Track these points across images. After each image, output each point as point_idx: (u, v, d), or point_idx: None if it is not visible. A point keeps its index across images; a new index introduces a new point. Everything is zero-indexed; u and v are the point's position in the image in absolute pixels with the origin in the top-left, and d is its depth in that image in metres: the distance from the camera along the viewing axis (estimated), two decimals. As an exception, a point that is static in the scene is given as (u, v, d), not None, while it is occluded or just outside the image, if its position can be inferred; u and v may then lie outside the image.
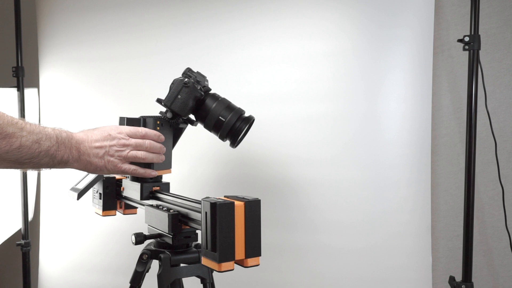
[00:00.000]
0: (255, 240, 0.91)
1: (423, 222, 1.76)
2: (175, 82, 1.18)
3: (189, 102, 1.18)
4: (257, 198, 0.93)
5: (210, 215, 0.88)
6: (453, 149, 1.90)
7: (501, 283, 1.88)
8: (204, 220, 0.91)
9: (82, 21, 2.08)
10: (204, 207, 0.91)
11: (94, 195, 1.43)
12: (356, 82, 1.73)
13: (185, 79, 1.17)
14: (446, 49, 1.89)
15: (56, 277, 2.15)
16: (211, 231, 0.88)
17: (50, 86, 2.17)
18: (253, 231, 0.91)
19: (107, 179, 1.37)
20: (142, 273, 1.18)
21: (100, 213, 1.39)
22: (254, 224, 0.91)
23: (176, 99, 1.17)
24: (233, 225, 0.88)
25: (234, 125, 1.20)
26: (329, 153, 1.75)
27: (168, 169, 1.24)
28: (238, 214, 0.89)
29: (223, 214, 0.87)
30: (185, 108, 1.19)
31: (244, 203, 0.90)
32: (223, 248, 0.87)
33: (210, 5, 1.91)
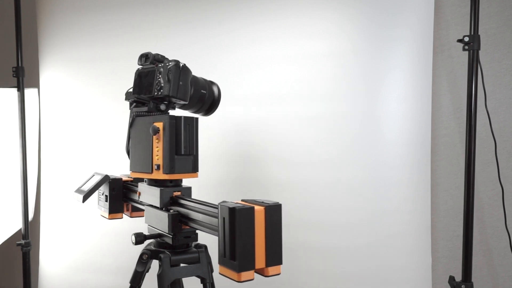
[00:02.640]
0: (276, 248, 0.85)
1: (423, 222, 1.76)
2: (171, 70, 1.11)
3: (188, 84, 1.14)
4: (277, 202, 0.87)
5: (229, 220, 0.82)
6: (453, 149, 1.90)
7: (501, 283, 1.88)
8: (222, 226, 0.84)
9: (82, 21, 2.08)
10: (222, 212, 0.85)
11: (100, 198, 1.37)
12: (356, 82, 1.73)
13: (180, 64, 1.12)
14: (446, 49, 1.89)
15: (56, 277, 2.15)
16: (230, 238, 0.82)
17: (50, 86, 2.17)
18: (273, 237, 0.85)
19: (113, 180, 1.32)
20: (142, 273, 1.18)
21: (106, 216, 1.34)
22: (274, 230, 0.85)
23: (180, 86, 1.11)
24: (253, 232, 0.82)
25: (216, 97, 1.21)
26: (329, 153, 1.75)
27: (194, 173, 1.13)
28: (258, 219, 0.83)
29: (243, 219, 0.81)
30: (187, 92, 1.13)
31: (264, 208, 0.84)
32: (243, 257, 0.81)
33: (210, 5, 1.91)
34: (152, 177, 1.12)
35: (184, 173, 1.10)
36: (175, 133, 1.09)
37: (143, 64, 1.19)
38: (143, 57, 1.18)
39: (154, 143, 1.10)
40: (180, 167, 1.09)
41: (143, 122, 1.15)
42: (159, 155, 1.09)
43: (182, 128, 1.09)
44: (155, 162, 1.10)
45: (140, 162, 1.16)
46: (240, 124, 1.85)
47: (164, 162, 1.08)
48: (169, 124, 1.08)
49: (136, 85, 1.20)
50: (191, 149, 1.11)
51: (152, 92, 1.13)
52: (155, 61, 1.16)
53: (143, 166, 1.14)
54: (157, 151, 1.09)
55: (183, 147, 1.09)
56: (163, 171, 1.09)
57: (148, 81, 1.16)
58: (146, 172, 1.13)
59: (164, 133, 1.08)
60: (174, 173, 1.09)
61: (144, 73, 1.18)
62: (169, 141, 1.08)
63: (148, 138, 1.12)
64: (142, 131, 1.15)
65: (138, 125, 1.17)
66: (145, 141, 1.14)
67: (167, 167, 1.08)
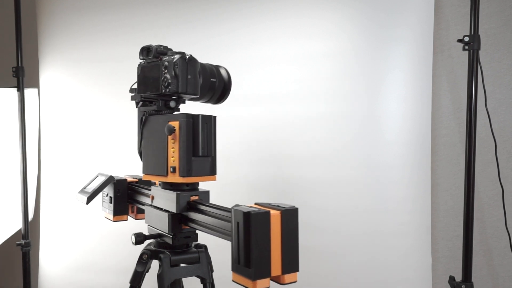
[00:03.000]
0: (293, 254, 0.81)
1: (423, 222, 1.76)
2: (177, 64, 1.03)
3: (198, 77, 1.06)
4: (293, 206, 0.83)
5: (243, 225, 0.77)
6: (453, 149, 1.90)
7: (501, 283, 1.88)
8: (236, 231, 0.80)
9: (82, 21, 2.08)
10: (236, 217, 0.80)
11: (104, 199, 1.33)
12: (356, 82, 1.73)
13: (186, 56, 1.04)
14: (446, 49, 1.89)
15: (56, 277, 2.15)
16: (245, 244, 0.77)
17: (50, 86, 2.17)
18: (290, 243, 0.80)
19: (118, 182, 1.28)
20: (142, 273, 1.18)
21: (111, 218, 1.30)
22: (291, 235, 0.81)
23: (189, 80, 1.03)
24: (268, 237, 0.78)
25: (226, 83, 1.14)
26: (329, 153, 1.75)
27: (212, 176, 1.05)
28: (274, 224, 0.79)
29: (258, 224, 0.77)
30: (197, 85, 1.05)
31: (280, 212, 0.80)
32: (258, 264, 0.76)
33: (210, 5, 1.91)
34: (167, 180, 1.05)
35: (202, 176, 1.03)
36: (192, 133, 1.01)
37: (146, 58, 1.11)
38: (144, 50, 1.11)
39: (169, 144, 1.03)
40: (197, 169, 1.01)
41: (157, 121, 1.08)
42: (175, 156, 1.02)
43: (199, 128, 1.01)
44: (170, 164, 1.03)
45: (154, 164, 1.09)
46: (240, 124, 1.85)
47: (180, 164, 1.00)
48: (185, 123, 1.00)
49: (141, 82, 1.13)
50: (209, 150, 1.04)
51: (159, 89, 1.05)
52: (158, 54, 1.08)
53: (157, 168, 1.07)
54: (173, 152, 1.02)
55: (200, 148, 1.01)
56: (179, 174, 1.01)
57: (153, 77, 1.08)
58: (161, 175, 1.06)
59: (180, 133, 1.00)
60: (191, 176, 1.01)
61: (147, 68, 1.11)
62: (185, 142, 1.00)
63: (163, 138, 1.05)
64: (155, 131, 1.09)
65: (151, 124, 1.10)
66: (159, 142, 1.07)
67: (184, 170, 1.00)
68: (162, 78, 1.04)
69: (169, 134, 1.01)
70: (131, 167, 2.01)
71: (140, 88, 1.13)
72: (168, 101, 1.07)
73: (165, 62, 1.04)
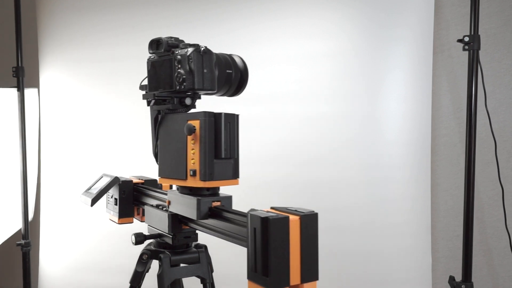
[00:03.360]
0: (312, 262, 0.77)
1: (423, 222, 1.76)
2: (192, 58, 0.95)
3: (214, 70, 0.98)
4: (313, 210, 0.78)
5: (261, 232, 0.73)
6: (453, 149, 1.90)
7: (501, 283, 1.88)
8: (252, 237, 0.75)
9: (82, 21, 2.08)
10: (252, 222, 0.75)
11: (109, 201, 1.28)
12: (356, 82, 1.73)
13: (201, 48, 0.95)
14: (446, 49, 1.89)
15: (56, 277, 2.15)
16: (262, 251, 0.73)
17: (50, 86, 2.17)
18: (309, 250, 0.77)
19: (124, 183, 1.22)
20: (142, 273, 1.18)
21: (116, 221, 1.25)
22: (310, 242, 0.77)
23: (205, 75, 0.95)
24: (287, 244, 0.74)
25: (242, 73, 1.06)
26: (329, 152, 1.75)
27: (234, 179, 0.98)
28: (293, 230, 0.75)
29: (277, 231, 0.72)
30: (214, 79, 0.98)
31: (299, 218, 0.76)
32: (276, 272, 0.72)
33: (210, 5, 1.91)
34: (186, 184, 0.96)
35: (224, 180, 0.95)
36: (214, 132, 0.93)
37: (156, 52, 1.03)
38: (154, 43, 1.03)
39: (188, 145, 0.95)
40: (219, 173, 0.93)
41: (174, 120, 1.00)
42: (195, 158, 0.93)
43: (222, 127, 0.94)
44: (190, 167, 0.95)
45: (171, 167, 1.00)
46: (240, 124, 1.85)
47: (201, 167, 0.92)
48: (207, 122, 0.92)
49: (152, 79, 1.05)
50: (232, 152, 0.96)
51: (173, 85, 0.98)
52: (169, 48, 1.00)
53: (175, 171, 0.99)
54: (193, 154, 0.94)
55: (223, 149, 0.93)
56: (200, 178, 0.93)
57: (165, 73, 1.00)
58: (179, 179, 0.98)
59: (201, 133, 0.92)
60: (213, 180, 0.93)
61: (158, 63, 1.03)
62: (207, 142, 0.92)
63: (181, 139, 0.97)
64: (173, 131, 1.00)
65: (168, 123, 1.01)
66: (177, 143, 0.98)
67: (205, 173, 0.92)
68: (176, 74, 0.97)
69: (189, 134, 0.93)
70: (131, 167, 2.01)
71: (151, 85, 1.05)
72: (183, 98, 1.00)
73: (178, 56, 0.97)
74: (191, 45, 0.97)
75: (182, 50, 0.97)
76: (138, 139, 2.03)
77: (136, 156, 2.02)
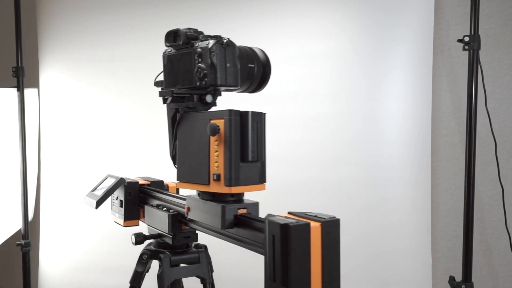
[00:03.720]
0: (334, 271, 0.73)
1: (423, 222, 1.76)
2: (213, 51, 0.87)
3: (237, 64, 0.91)
4: (334, 216, 0.73)
5: (280, 239, 0.69)
6: (453, 149, 1.90)
7: (501, 283, 1.88)
8: (271, 245, 0.71)
9: (82, 21, 2.08)
10: (271, 229, 0.71)
11: (113, 202, 1.24)
12: (356, 82, 1.73)
13: (223, 40, 0.89)
14: (446, 49, 1.89)
15: (56, 277, 2.15)
16: (282, 259, 0.69)
17: (50, 86, 2.17)
18: (331, 259, 0.72)
19: (129, 184, 1.18)
20: (142, 273, 1.18)
21: (121, 223, 1.21)
22: (332, 250, 0.72)
23: (228, 70, 0.88)
24: (308, 252, 0.69)
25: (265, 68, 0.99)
26: (329, 153, 1.75)
27: (261, 184, 0.90)
28: (314, 238, 0.70)
29: (298, 238, 0.68)
30: (237, 74, 0.91)
31: (321, 224, 0.71)
32: (297, 282, 0.68)
33: (210, 5, 1.91)
34: (209, 189, 0.88)
35: (250, 185, 0.87)
36: (240, 133, 0.86)
37: (173, 44, 0.95)
38: (171, 35, 0.95)
39: (211, 147, 0.87)
40: (245, 177, 0.85)
41: (195, 119, 0.91)
42: (219, 162, 0.85)
43: (249, 127, 0.86)
44: (213, 171, 0.86)
45: (191, 171, 0.92)
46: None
47: (226, 171, 0.84)
48: (233, 121, 0.85)
49: (169, 74, 0.97)
50: (260, 154, 0.88)
51: (193, 81, 0.90)
52: (188, 40, 0.92)
53: (196, 175, 0.90)
54: (216, 157, 0.86)
55: (250, 152, 0.86)
56: (224, 183, 0.84)
57: (184, 68, 0.93)
58: (201, 183, 0.89)
59: (227, 134, 0.84)
60: (238, 185, 0.84)
61: (176, 57, 0.95)
62: (233, 144, 0.84)
63: (204, 140, 0.88)
64: (194, 131, 0.91)
65: (188, 123, 0.93)
66: (198, 144, 0.90)
67: (230, 178, 0.83)
68: (196, 68, 0.89)
69: (212, 135, 0.85)
70: (131, 167, 2.01)
71: (168, 81, 0.97)
72: (203, 95, 0.92)
73: (198, 49, 0.89)
74: (212, 36, 0.90)
75: (202, 42, 0.89)
76: (138, 139, 2.03)
77: (136, 156, 2.02)
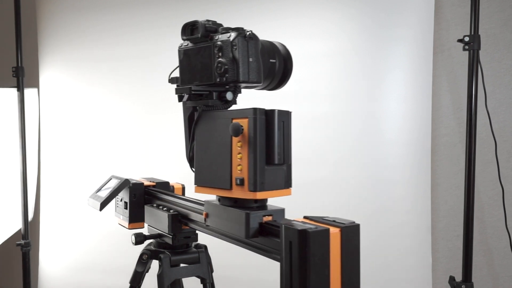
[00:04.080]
0: (354, 279, 0.69)
1: (423, 222, 1.76)
2: (236, 44, 0.81)
3: (260, 59, 0.84)
4: (353, 221, 0.69)
5: (298, 246, 0.65)
6: (453, 149, 1.90)
7: (501, 283, 1.88)
8: (288, 252, 0.67)
9: (82, 21, 2.08)
10: (288, 235, 0.67)
11: (118, 204, 1.22)
12: (357, 82, 1.73)
13: (246, 32, 0.82)
14: (446, 49, 1.89)
15: (56, 277, 2.15)
16: (300, 267, 0.65)
17: (50, 86, 2.17)
18: (351, 266, 0.68)
19: (134, 185, 1.16)
20: (142, 273, 1.18)
21: (126, 226, 1.18)
22: (352, 257, 0.68)
23: (250, 65, 0.82)
24: (328, 260, 0.66)
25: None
26: (329, 153, 1.75)
27: (287, 189, 0.84)
28: (333, 245, 0.66)
29: (317, 245, 0.64)
30: (260, 70, 0.85)
31: (340, 230, 0.67)
32: None
33: (210, 5, 1.91)
34: (231, 195, 0.82)
35: (276, 190, 0.81)
36: (265, 133, 0.80)
37: (190, 38, 0.88)
38: (188, 28, 0.88)
39: (234, 148, 0.80)
40: (270, 181, 0.79)
41: (216, 119, 0.84)
42: (243, 165, 0.79)
43: (275, 127, 0.81)
44: (236, 175, 0.80)
45: (211, 174, 0.85)
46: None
47: (250, 175, 0.78)
48: (258, 121, 0.79)
49: (185, 70, 0.90)
50: (286, 156, 0.83)
51: (212, 77, 0.84)
52: (208, 33, 0.85)
53: (216, 179, 0.84)
54: (240, 160, 0.79)
55: (276, 154, 0.80)
56: (248, 188, 0.78)
57: (202, 62, 0.86)
58: (222, 188, 0.83)
59: (251, 134, 0.78)
60: (264, 190, 0.78)
61: (193, 52, 0.88)
62: (258, 145, 0.78)
63: (225, 141, 0.82)
64: (214, 131, 0.85)
65: (208, 123, 0.86)
66: (219, 146, 0.83)
67: (255, 182, 0.77)
68: (216, 63, 0.83)
69: (236, 136, 0.79)
70: (131, 167, 2.01)
71: (184, 78, 0.90)
72: (223, 93, 0.85)
73: (218, 42, 0.83)
74: (233, 29, 0.83)
75: (223, 35, 0.83)
76: (138, 139, 2.03)
77: (137, 156, 2.02)
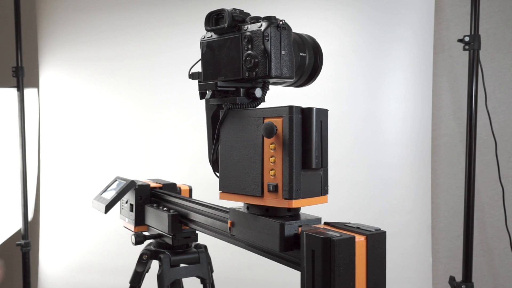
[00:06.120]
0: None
1: (423, 222, 1.76)
2: (268, 34, 0.73)
3: (292, 52, 0.76)
4: (379, 228, 0.65)
5: (322, 255, 0.60)
6: (453, 149, 1.90)
7: (501, 283, 1.88)
8: (310, 261, 0.62)
9: (82, 21, 2.08)
10: (310, 243, 0.62)
11: (123, 206, 1.19)
12: (357, 82, 1.73)
13: (279, 21, 0.75)
14: (446, 49, 1.89)
15: (56, 277, 2.15)
16: (323, 277, 0.60)
17: (50, 86, 2.17)
18: (377, 276, 0.63)
19: (140, 187, 1.13)
20: (142, 273, 1.18)
21: (132, 229, 1.15)
22: (378, 266, 0.64)
23: (283, 58, 0.73)
24: (353, 269, 0.61)
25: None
26: (329, 152, 1.75)
27: (323, 196, 0.78)
28: (359, 254, 0.62)
29: (342, 254, 0.60)
30: (293, 64, 0.76)
31: (366, 238, 0.62)
32: None
33: (210, 5, 1.91)
34: (263, 203, 0.73)
35: (312, 197, 0.74)
36: (301, 135, 0.72)
37: (214, 28, 0.80)
38: (212, 17, 0.81)
39: (266, 151, 0.72)
40: (306, 188, 0.72)
41: (245, 118, 0.75)
42: (277, 169, 0.71)
43: (313, 127, 0.73)
44: (268, 181, 0.72)
45: (239, 180, 0.76)
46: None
47: (285, 181, 0.70)
48: (294, 121, 0.70)
49: (209, 64, 0.81)
50: (324, 160, 0.76)
51: (240, 72, 0.75)
52: (235, 23, 0.78)
53: (244, 185, 0.75)
54: (273, 164, 0.71)
55: (314, 157, 0.72)
56: (283, 195, 0.70)
57: (228, 55, 0.78)
58: (252, 195, 0.74)
59: (286, 135, 0.70)
60: (300, 197, 0.71)
61: (218, 43, 0.80)
62: (294, 148, 0.70)
63: (256, 143, 0.73)
64: (242, 132, 0.76)
65: (235, 122, 0.77)
66: (248, 148, 0.75)
67: (291, 189, 0.69)
68: (245, 56, 0.75)
69: (269, 137, 0.71)
70: (131, 167, 2.01)
71: (207, 73, 0.81)
72: (251, 89, 0.77)
73: (247, 33, 0.75)
74: (263, 18, 0.76)
75: (252, 25, 0.76)
76: (138, 139, 2.03)
77: (137, 156, 2.02)
